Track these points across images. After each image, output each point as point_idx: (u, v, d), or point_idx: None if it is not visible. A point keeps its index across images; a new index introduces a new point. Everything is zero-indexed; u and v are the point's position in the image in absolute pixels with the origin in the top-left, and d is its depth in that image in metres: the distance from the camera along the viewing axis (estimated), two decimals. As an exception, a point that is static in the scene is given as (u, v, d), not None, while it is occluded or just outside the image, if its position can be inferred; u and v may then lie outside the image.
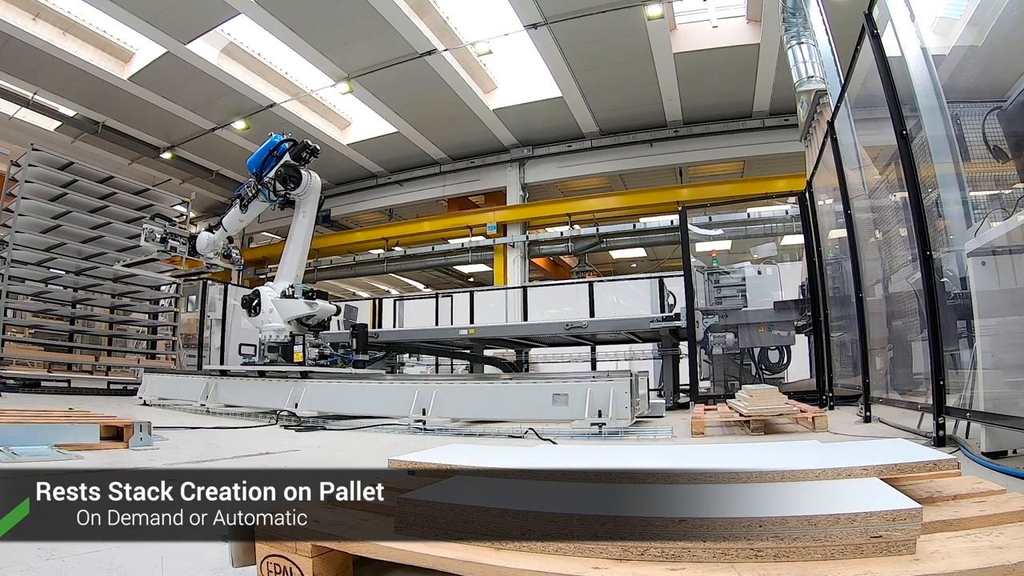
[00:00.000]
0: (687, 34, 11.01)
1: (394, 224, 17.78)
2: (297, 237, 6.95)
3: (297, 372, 6.08)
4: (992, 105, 2.94)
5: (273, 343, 6.55)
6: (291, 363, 6.34)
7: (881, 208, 4.60)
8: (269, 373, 6.25)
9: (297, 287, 6.77)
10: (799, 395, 5.88)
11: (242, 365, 6.78)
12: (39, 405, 5.32)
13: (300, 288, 6.77)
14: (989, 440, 2.68)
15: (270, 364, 6.44)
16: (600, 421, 4.36)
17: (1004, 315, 2.84)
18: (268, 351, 6.54)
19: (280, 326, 6.58)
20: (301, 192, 6.73)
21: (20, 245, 8.18)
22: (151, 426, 3.61)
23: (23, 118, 13.29)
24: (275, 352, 6.52)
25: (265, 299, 6.67)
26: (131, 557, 1.43)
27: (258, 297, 6.72)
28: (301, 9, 10.12)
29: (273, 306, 6.64)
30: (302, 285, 6.83)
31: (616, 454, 2.05)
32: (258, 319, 6.75)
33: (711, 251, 11.16)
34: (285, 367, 6.30)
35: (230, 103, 13.25)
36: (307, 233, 6.98)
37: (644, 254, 19.43)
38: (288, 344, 6.49)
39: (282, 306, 6.66)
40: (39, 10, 10.58)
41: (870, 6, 3.82)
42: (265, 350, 6.57)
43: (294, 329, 6.62)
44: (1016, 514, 1.10)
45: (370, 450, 3.80)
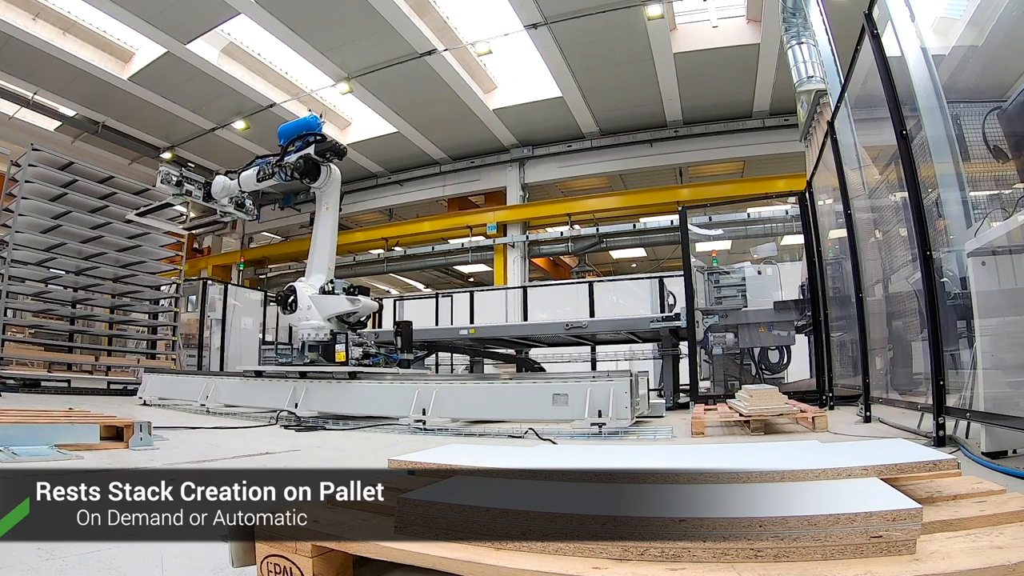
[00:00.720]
0: (687, 34, 11.01)
1: (394, 224, 17.78)
2: (324, 229, 6.67)
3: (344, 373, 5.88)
4: (992, 105, 2.94)
5: (313, 342, 6.25)
6: (333, 363, 6.07)
7: (881, 208, 4.60)
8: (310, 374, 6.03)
9: (336, 282, 6.51)
10: (799, 395, 5.88)
11: (279, 365, 6.51)
12: (39, 405, 5.32)
13: (340, 283, 6.51)
14: (989, 440, 2.68)
15: (310, 364, 6.17)
16: (600, 421, 4.36)
17: (1004, 315, 2.84)
18: (308, 350, 6.24)
19: (320, 324, 6.28)
20: (320, 185, 6.55)
21: (20, 245, 8.18)
22: (151, 426, 3.61)
23: (23, 118, 13.30)
24: (315, 352, 6.22)
25: (302, 295, 6.37)
26: (131, 557, 1.43)
27: (294, 293, 6.41)
28: (301, 9, 10.13)
29: (311, 303, 6.33)
30: (341, 281, 6.57)
31: (616, 454, 2.05)
32: (294, 317, 6.45)
33: (711, 251, 11.16)
34: (327, 367, 6.03)
35: (230, 103, 13.26)
36: (333, 224, 6.74)
37: (644, 254, 19.42)
38: (329, 343, 6.19)
39: (321, 303, 6.34)
40: (39, 10, 10.58)
41: (870, 6, 3.82)
42: (305, 349, 6.26)
43: (334, 327, 6.32)
44: (1016, 514, 1.10)
45: (370, 450, 3.80)
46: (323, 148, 6.38)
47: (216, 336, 13.05)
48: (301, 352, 6.33)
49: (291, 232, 20.32)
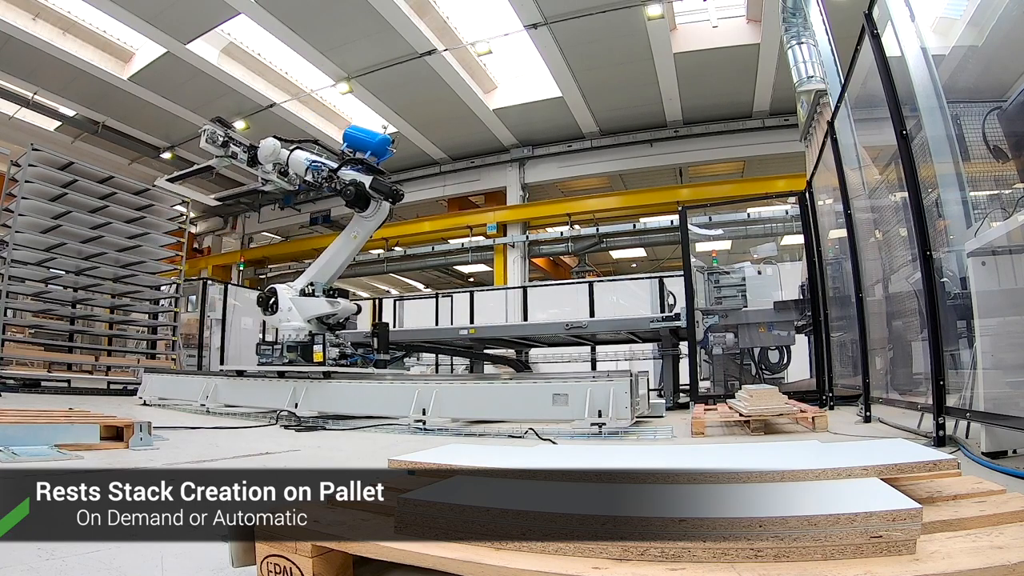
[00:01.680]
0: (687, 34, 11.01)
1: (394, 224, 17.74)
2: (340, 252, 6.61)
3: (319, 372, 5.97)
4: (992, 105, 2.94)
5: (292, 343, 6.34)
6: (311, 363, 6.17)
7: (881, 208, 4.60)
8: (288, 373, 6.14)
9: (318, 285, 6.56)
10: (799, 395, 5.88)
11: (260, 365, 6.53)
12: (39, 405, 5.32)
13: (320, 286, 6.57)
14: (989, 440, 2.68)
15: (289, 364, 6.27)
16: (600, 421, 4.35)
17: (1004, 315, 2.84)
18: (287, 351, 6.34)
19: (300, 325, 6.37)
20: (366, 216, 6.40)
21: (20, 245, 8.17)
22: (151, 426, 3.61)
23: (23, 118, 13.30)
24: (294, 352, 6.32)
25: (283, 297, 6.45)
26: (131, 557, 1.43)
27: (275, 295, 6.48)
28: (301, 9, 10.13)
29: (292, 304, 6.43)
30: (322, 283, 6.61)
31: (616, 454, 2.05)
32: (274, 318, 6.53)
33: (711, 251, 11.17)
34: (305, 367, 6.13)
35: (230, 103, 13.25)
36: (352, 251, 6.62)
37: (644, 254, 19.43)
38: (308, 344, 6.28)
39: (301, 304, 6.45)
40: (39, 10, 10.58)
41: (870, 6, 3.82)
42: (284, 350, 6.36)
43: (314, 328, 6.41)
44: (1016, 514, 1.10)
45: (370, 450, 3.80)
46: (379, 187, 6.17)
47: (216, 336, 13.05)
48: (281, 352, 6.38)
49: (291, 232, 20.32)
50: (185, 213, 10.35)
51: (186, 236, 10.66)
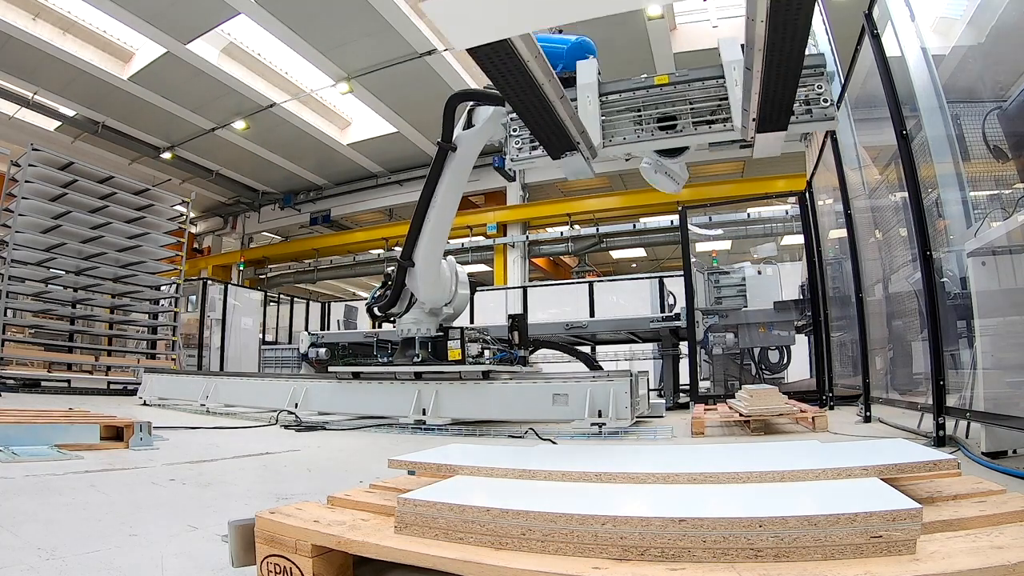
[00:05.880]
0: (687, 34, 11.01)
1: (394, 224, 17.79)
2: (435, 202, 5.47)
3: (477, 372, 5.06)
4: (992, 105, 2.94)
5: (424, 338, 5.41)
6: (446, 362, 5.26)
7: (881, 208, 4.61)
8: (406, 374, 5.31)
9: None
10: (799, 395, 5.88)
11: (380, 366, 5.51)
12: (39, 405, 5.32)
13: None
14: (989, 440, 2.68)
15: (422, 363, 5.33)
16: (600, 421, 4.35)
17: (1004, 315, 2.84)
18: (419, 348, 5.41)
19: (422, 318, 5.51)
20: None
21: (20, 245, 8.17)
22: (151, 426, 3.61)
23: (23, 118, 13.30)
24: (425, 350, 5.41)
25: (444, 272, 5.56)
26: (131, 557, 1.43)
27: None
28: (301, 9, 10.13)
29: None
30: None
31: (616, 454, 2.05)
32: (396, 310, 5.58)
33: (711, 251, 11.18)
34: (438, 367, 5.24)
35: (230, 103, 13.26)
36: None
37: (644, 254, 19.43)
38: (440, 340, 5.37)
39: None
40: (39, 10, 10.58)
41: (870, 6, 3.82)
42: (415, 346, 5.44)
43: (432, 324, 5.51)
44: (1016, 514, 1.10)
45: (370, 450, 3.80)
46: None
47: (216, 336, 13.07)
48: (401, 350, 5.54)
49: (291, 232, 20.33)
50: (185, 213, 10.35)
51: (186, 236, 10.65)
